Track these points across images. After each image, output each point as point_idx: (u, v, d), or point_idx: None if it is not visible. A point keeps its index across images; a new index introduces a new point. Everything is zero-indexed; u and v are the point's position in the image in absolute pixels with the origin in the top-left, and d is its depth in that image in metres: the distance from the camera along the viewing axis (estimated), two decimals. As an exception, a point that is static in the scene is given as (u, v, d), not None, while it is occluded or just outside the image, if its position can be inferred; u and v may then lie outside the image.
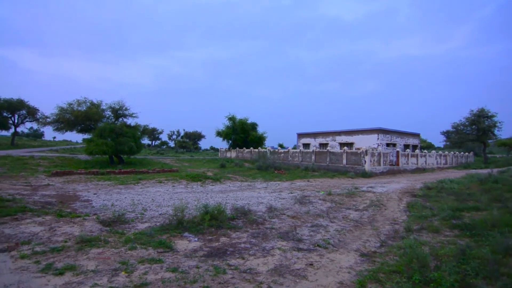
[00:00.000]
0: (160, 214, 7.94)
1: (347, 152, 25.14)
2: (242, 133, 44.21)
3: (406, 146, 34.47)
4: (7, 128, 45.42)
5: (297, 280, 4.10)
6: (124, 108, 30.47)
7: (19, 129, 49.57)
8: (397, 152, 28.52)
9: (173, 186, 14.57)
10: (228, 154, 44.97)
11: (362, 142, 31.04)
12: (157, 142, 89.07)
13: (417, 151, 31.19)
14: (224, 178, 18.52)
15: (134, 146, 26.09)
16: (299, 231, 6.77)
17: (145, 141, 65.49)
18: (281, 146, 51.23)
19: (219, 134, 47.35)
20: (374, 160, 24.18)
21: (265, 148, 38.30)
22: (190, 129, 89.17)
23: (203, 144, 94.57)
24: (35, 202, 8.82)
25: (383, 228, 7.28)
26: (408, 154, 29.33)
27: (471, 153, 44.13)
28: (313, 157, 28.09)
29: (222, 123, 52.88)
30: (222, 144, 50.38)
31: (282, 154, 32.57)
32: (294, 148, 39.25)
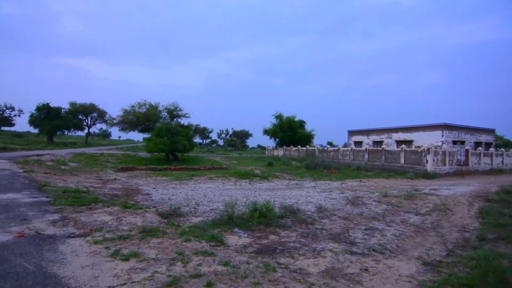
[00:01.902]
0: (211, 209, 8.27)
1: (405, 151, 23.15)
2: (289, 131, 43.80)
3: (478, 144, 30.38)
4: (82, 129, 52.31)
5: (351, 285, 3.87)
6: (178, 109, 32.57)
7: (91, 130, 56.75)
8: (466, 150, 25.32)
9: (223, 183, 15.08)
10: (275, 152, 45.01)
11: (423, 140, 28.27)
12: (208, 140, 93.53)
13: (492, 149, 27.30)
14: (272, 176, 18.56)
15: (188, 145, 27.76)
16: (352, 233, 6.42)
17: (197, 139, 69.36)
18: (330, 144, 49.50)
19: (266, 132, 47.64)
20: (437, 160, 21.83)
21: (314, 146, 37.35)
22: (238, 128, 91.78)
23: (251, 142, 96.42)
24: (104, 194, 9.92)
25: (449, 236, 6.51)
26: (480, 153, 25.83)
27: None
28: (366, 156, 26.51)
29: (269, 121, 53.14)
30: (269, 143, 50.71)
31: (332, 153, 31.42)
32: (345, 146, 37.49)
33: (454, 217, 8.30)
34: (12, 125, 64.32)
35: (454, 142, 28.18)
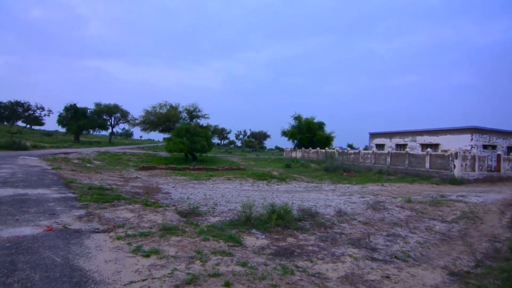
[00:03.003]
0: (229, 210, 8.31)
1: (431, 155, 22.21)
2: (308, 133, 43.37)
3: (510, 149, 28.61)
4: (106, 128, 54.56)
5: (373, 293, 3.74)
6: (197, 109, 33.15)
7: (114, 129, 59.02)
8: (498, 155, 23.91)
9: (241, 183, 15.14)
10: (294, 154, 44.66)
11: (450, 143, 27.01)
12: (226, 141, 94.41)
13: (526, 155, 25.56)
14: (290, 178, 18.42)
15: (206, 145, 28.18)
16: (373, 239, 6.22)
17: (215, 140, 70.20)
18: (350, 146, 48.39)
19: (284, 133, 47.44)
20: (466, 165, 20.77)
21: (333, 149, 36.71)
22: (256, 129, 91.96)
23: (268, 143, 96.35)
24: (127, 192, 10.25)
25: (478, 245, 6.16)
26: (512, 159, 24.28)
27: None
28: (388, 159, 25.70)
29: (287, 123, 52.73)
30: (287, 144, 50.42)
31: (352, 155, 30.73)
32: (366, 149, 36.61)
33: (483, 226, 7.85)
34: (42, 124, 68.21)
35: (485, 147, 26.70)
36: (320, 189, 14.70)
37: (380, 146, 35.28)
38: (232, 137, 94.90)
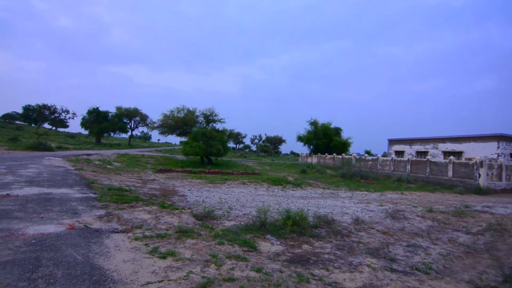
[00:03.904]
0: (244, 214, 8.30)
1: (454, 163, 21.31)
2: (324, 138, 42.84)
3: (541, 159, 26.94)
4: (126, 131, 56.27)
5: (392, 305, 3.59)
6: (214, 114, 33.59)
7: (134, 132, 60.74)
8: (526, 165, 22.54)
9: (255, 188, 15.12)
10: (309, 160, 44.18)
11: (474, 151, 25.83)
12: (241, 145, 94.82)
13: (559, 165, 23.99)
14: (305, 184, 18.20)
15: (222, 149, 28.43)
16: (392, 249, 6.01)
17: (230, 144, 70.64)
18: (368, 153, 47.37)
19: (300, 139, 47.09)
20: (492, 174, 19.76)
21: (350, 155, 36.00)
22: (272, 134, 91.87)
23: (284, 148, 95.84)
24: (144, 193, 10.48)
25: (506, 260, 5.81)
26: (543, 169, 22.84)
27: None
28: (408, 167, 24.88)
29: (303, 128, 52.41)
30: (303, 149, 49.96)
31: (370, 162, 30.00)
32: (384, 155, 35.63)
33: (512, 239, 7.39)
34: (67, 126, 71.38)
35: (512, 156, 25.31)
36: (337, 196, 14.41)
37: (400, 153, 34.25)
38: (247, 141, 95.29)
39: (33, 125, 69.83)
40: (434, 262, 5.46)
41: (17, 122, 73.84)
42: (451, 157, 22.58)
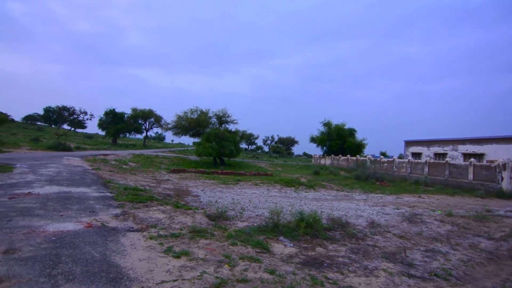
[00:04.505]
0: (256, 215, 8.28)
1: (474, 165, 20.51)
2: (338, 140, 42.29)
3: None
4: (141, 132, 57.53)
5: (411, 312, 3.47)
6: (226, 115, 33.80)
7: (148, 133, 61.96)
8: (553, 168, 21.40)
9: (268, 189, 15.07)
10: (322, 161, 43.70)
11: (497, 153, 24.77)
12: (253, 146, 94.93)
13: None
14: (319, 185, 18.00)
15: (234, 150, 28.57)
16: (409, 254, 5.83)
17: (243, 145, 70.86)
18: (383, 154, 46.31)
19: (313, 140, 46.71)
20: (515, 177, 18.85)
21: (365, 156, 35.35)
22: (284, 135, 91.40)
23: (296, 149, 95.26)
24: (159, 193, 10.64)
25: (534, 268, 5.50)
26: None
27: None
28: (426, 169, 24.14)
29: (316, 129, 51.97)
30: (316, 151, 49.51)
31: (386, 164, 29.33)
32: (401, 157, 34.73)
33: (539, 246, 7.01)
34: (85, 127, 73.72)
35: (538, 158, 24.09)
36: (351, 198, 14.17)
37: (417, 155, 33.30)
38: (259, 142, 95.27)
39: (53, 126, 72.49)
40: (454, 268, 5.26)
41: (38, 123, 76.91)
42: (472, 159, 21.74)
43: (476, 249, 6.51)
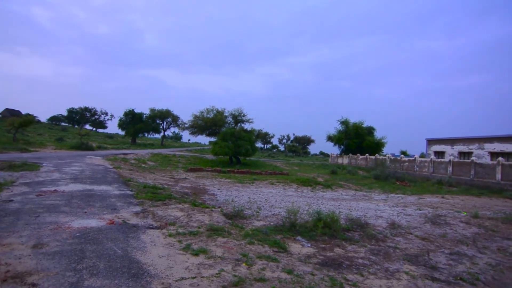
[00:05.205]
0: (273, 214, 8.25)
1: (503, 165, 19.47)
2: (356, 138, 41.36)
3: None
4: (158, 131, 58.82)
5: (436, 317, 3.33)
6: (242, 114, 33.92)
7: (166, 133, 63.25)
8: None
9: (284, 188, 14.98)
10: (340, 160, 42.94)
11: (526, 153, 23.39)
12: (269, 145, 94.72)
13: None
14: (336, 185, 17.71)
15: (250, 149, 28.62)
16: (433, 256, 5.61)
17: (258, 144, 70.92)
18: (404, 153, 44.85)
19: (330, 138, 45.97)
20: (547, 178, 17.74)
21: (384, 155, 34.40)
22: (300, 134, 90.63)
23: (313, 148, 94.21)
24: (176, 191, 10.83)
25: None
26: None
27: None
28: (449, 168, 23.18)
29: (333, 127, 51.10)
30: (333, 150, 48.84)
31: (406, 163, 28.43)
32: (422, 156, 33.51)
33: None
34: (105, 127, 76.43)
35: None
36: (370, 198, 13.83)
37: (439, 154, 32.03)
38: (275, 141, 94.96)
39: (76, 126, 75.57)
40: (482, 272, 5.00)
41: (62, 123, 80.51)
42: (500, 158, 20.63)
43: (505, 252, 6.18)
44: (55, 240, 4.40)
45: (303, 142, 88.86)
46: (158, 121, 57.15)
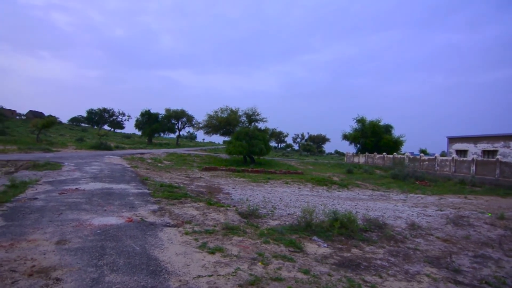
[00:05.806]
0: (288, 214, 8.20)
1: (529, 164, 18.49)
2: (372, 137, 40.37)
3: None
4: (174, 131, 59.85)
5: (460, 323, 3.20)
6: (256, 113, 33.93)
7: (181, 133, 64.25)
8: None
9: (299, 188, 14.86)
10: (356, 159, 42.15)
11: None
12: (283, 144, 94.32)
13: None
14: (352, 184, 17.39)
15: (264, 148, 28.58)
16: (456, 259, 5.39)
17: (272, 143, 70.76)
18: (424, 152, 43.44)
19: (345, 137, 45.14)
20: None
21: (402, 154, 33.46)
22: (315, 132, 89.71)
23: (328, 147, 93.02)
24: (192, 190, 10.97)
25: None
26: None
27: None
28: (472, 168, 22.26)
29: (349, 126, 50.03)
30: (349, 148, 47.94)
31: (426, 162, 27.53)
32: (443, 155, 32.40)
33: None
34: (123, 127, 78.67)
35: None
36: (388, 198, 13.49)
37: (462, 152, 30.81)
38: (289, 140, 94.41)
39: (95, 127, 78.09)
40: (509, 276, 4.76)
41: (82, 124, 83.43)
42: (527, 157, 19.61)
43: (535, 256, 5.85)
44: (77, 236, 4.55)
45: (318, 141, 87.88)
46: (173, 121, 58.17)
